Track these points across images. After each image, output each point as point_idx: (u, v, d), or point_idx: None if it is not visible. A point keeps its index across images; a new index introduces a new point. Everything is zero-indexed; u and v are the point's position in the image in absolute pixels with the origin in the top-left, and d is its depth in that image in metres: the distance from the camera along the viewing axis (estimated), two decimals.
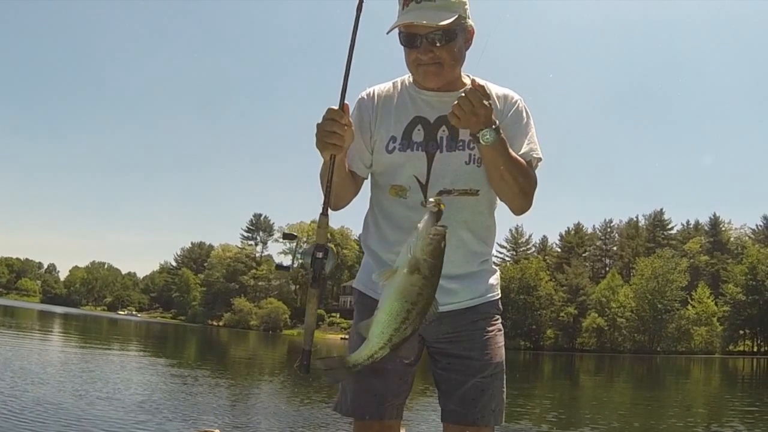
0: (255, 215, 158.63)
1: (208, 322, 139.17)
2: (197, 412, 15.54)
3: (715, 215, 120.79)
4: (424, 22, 3.13)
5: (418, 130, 3.38)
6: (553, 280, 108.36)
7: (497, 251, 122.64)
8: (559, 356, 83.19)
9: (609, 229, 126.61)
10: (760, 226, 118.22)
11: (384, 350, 2.78)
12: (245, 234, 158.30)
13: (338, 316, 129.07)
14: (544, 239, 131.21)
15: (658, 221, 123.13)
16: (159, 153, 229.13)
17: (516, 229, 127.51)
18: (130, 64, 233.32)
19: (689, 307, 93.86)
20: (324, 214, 3.21)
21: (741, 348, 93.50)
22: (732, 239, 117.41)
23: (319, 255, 3.14)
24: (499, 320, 3.64)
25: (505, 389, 3.54)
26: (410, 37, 3.22)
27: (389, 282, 2.73)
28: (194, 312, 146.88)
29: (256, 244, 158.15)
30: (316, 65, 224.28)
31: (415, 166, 3.36)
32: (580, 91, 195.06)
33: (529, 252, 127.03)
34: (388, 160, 3.40)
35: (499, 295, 3.68)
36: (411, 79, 3.51)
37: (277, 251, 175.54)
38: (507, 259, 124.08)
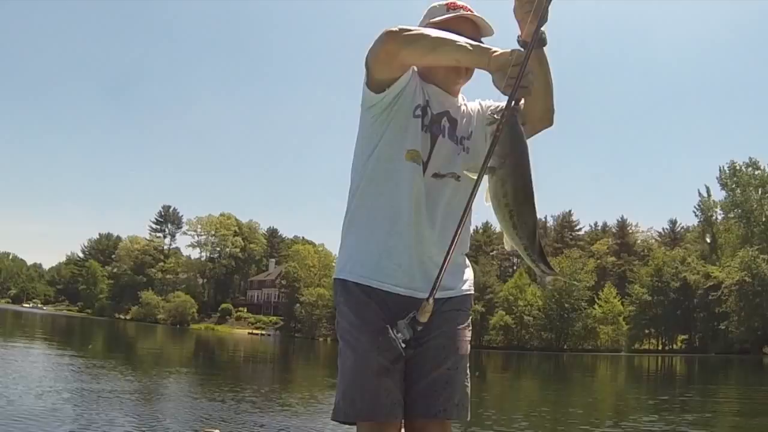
0: (164, 207, 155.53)
1: (116, 316, 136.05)
2: (98, 408, 14.77)
3: (622, 218, 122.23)
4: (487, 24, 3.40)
5: (427, 113, 3.37)
6: None
7: None
8: None
9: None
10: (666, 229, 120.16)
11: (531, 247, 2.90)
12: (154, 226, 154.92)
13: (246, 310, 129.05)
14: None
15: (566, 222, 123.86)
16: (66, 139, 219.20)
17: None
18: (37, 46, 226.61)
19: (596, 306, 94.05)
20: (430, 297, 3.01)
21: (646, 346, 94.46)
22: (639, 242, 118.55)
23: (419, 328, 3.02)
24: (470, 316, 3.59)
25: (469, 384, 3.45)
26: (460, 35, 3.15)
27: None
28: (101, 305, 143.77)
29: (165, 237, 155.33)
30: (229, 56, 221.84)
31: (421, 143, 3.33)
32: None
33: None
34: (413, 124, 3.32)
35: (473, 291, 3.64)
36: (414, 68, 3.40)
37: (186, 244, 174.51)
38: None
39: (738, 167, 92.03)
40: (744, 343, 78.72)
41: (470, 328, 3.54)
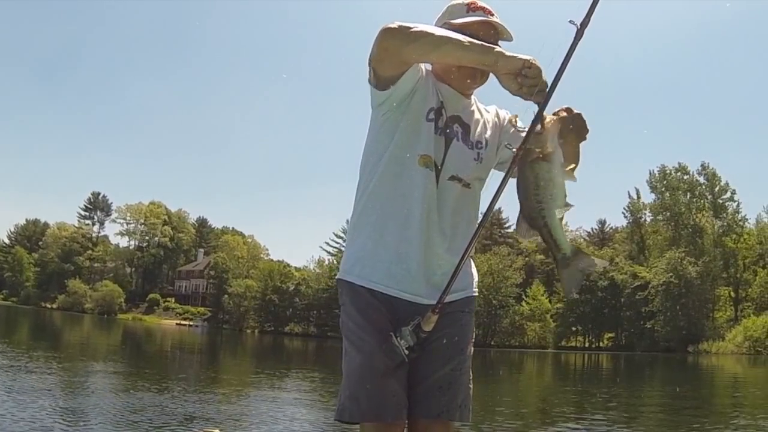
0: (93, 194, 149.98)
1: (42, 305, 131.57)
2: (18, 402, 13.96)
3: None
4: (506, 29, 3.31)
5: (442, 115, 3.34)
6: None
7: (332, 240, 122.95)
8: None
9: None
10: (595, 229, 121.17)
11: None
12: (82, 213, 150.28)
13: (173, 301, 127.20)
14: None
15: (495, 219, 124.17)
16: None
17: (348, 222, 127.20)
18: None
19: (523, 303, 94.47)
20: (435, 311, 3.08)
21: (573, 343, 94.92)
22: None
23: (423, 334, 3.05)
24: (473, 318, 3.59)
25: (471, 386, 3.47)
26: (473, 38, 3.09)
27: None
28: (27, 293, 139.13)
29: (93, 224, 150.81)
30: (164, 42, 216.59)
31: (434, 147, 3.30)
32: None
33: None
34: (426, 128, 3.29)
35: (477, 293, 3.60)
36: (429, 68, 3.40)
37: (114, 232, 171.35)
38: (343, 249, 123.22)
39: (668, 171, 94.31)
40: (669, 341, 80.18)
41: (474, 329, 3.57)
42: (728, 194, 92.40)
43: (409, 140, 3.27)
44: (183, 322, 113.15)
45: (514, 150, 2.96)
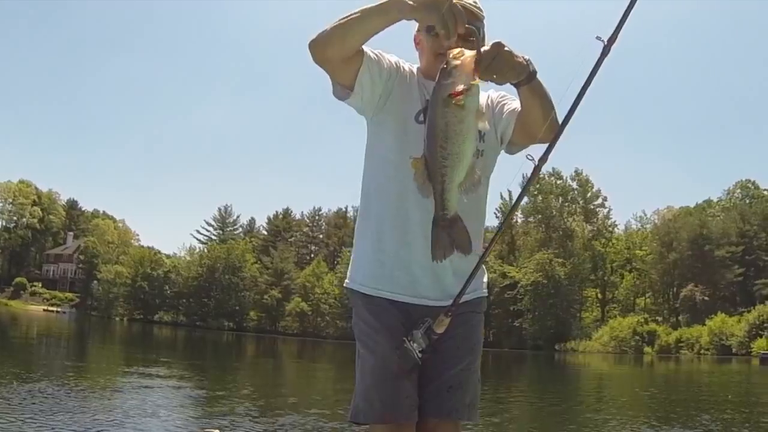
0: None
1: None
2: None
3: None
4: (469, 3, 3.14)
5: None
6: (259, 262, 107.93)
7: (203, 228, 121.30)
8: (261, 338, 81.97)
9: (317, 217, 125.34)
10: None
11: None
12: None
13: (41, 285, 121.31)
14: (252, 221, 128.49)
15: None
16: None
17: (225, 208, 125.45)
18: None
19: None
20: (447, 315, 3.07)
21: None
22: None
23: (435, 336, 3.05)
24: (483, 318, 3.54)
25: (479, 385, 3.44)
26: None
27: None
28: None
29: None
30: (40, 14, 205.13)
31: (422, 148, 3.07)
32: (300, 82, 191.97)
33: (236, 232, 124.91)
34: (415, 130, 3.20)
35: (487, 292, 3.55)
36: (416, 68, 3.41)
37: None
38: (213, 237, 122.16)
39: (541, 175, 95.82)
40: (537, 340, 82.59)
41: (483, 329, 3.56)
42: (599, 200, 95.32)
43: (400, 143, 3.19)
44: (50, 308, 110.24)
45: (536, 161, 2.87)
